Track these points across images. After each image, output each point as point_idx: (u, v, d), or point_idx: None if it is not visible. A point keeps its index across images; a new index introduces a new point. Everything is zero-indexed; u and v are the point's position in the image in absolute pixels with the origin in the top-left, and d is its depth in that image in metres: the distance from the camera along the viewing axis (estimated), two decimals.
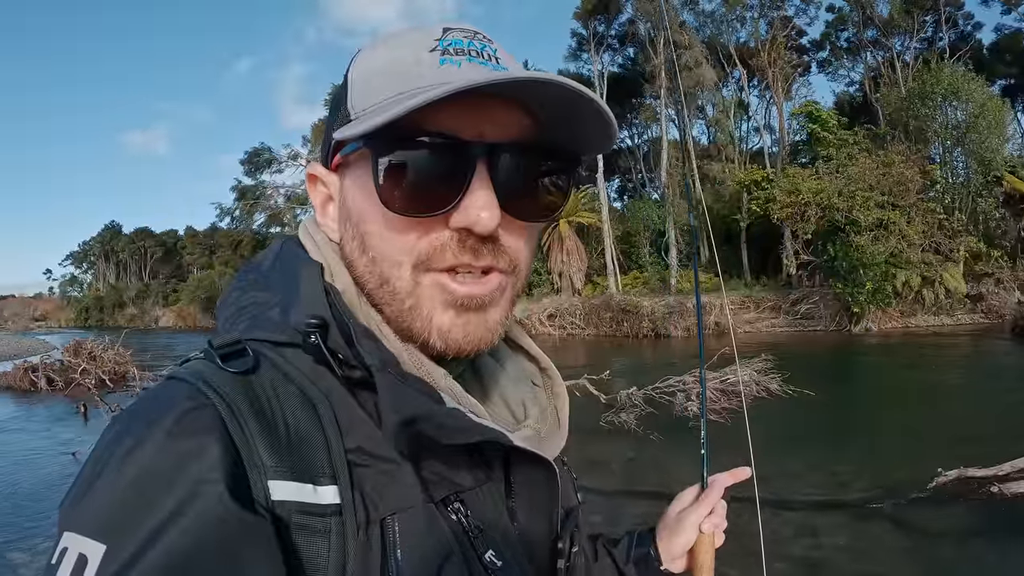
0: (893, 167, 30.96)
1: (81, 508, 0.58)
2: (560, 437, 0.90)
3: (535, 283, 42.85)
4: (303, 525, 0.63)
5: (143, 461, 0.58)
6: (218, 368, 0.67)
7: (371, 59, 0.77)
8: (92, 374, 19.37)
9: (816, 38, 50.64)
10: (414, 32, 0.76)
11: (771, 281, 37.74)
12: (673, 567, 1.20)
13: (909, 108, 35.94)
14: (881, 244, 29.41)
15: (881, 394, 15.77)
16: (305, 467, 0.65)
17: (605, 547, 1.24)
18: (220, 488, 0.57)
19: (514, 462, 0.79)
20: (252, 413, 0.64)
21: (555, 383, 0.98)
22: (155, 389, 0.68)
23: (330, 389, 0.71)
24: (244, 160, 63.94)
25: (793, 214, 31.84)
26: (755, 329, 32.29)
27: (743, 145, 50.13)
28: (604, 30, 48.24)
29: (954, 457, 7.59)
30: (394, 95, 0.70)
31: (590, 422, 11.26)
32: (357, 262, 0.78)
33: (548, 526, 0.83)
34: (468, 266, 0.73)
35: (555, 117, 0.74)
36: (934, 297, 30.14)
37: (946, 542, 6.46)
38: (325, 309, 0.74)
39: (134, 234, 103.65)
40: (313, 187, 0.85)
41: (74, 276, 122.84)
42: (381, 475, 0.68)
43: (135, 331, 51.79)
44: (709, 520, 1.19)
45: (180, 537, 0.55)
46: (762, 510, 6.85)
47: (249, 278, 0.85)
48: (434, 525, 0.69)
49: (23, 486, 9.97)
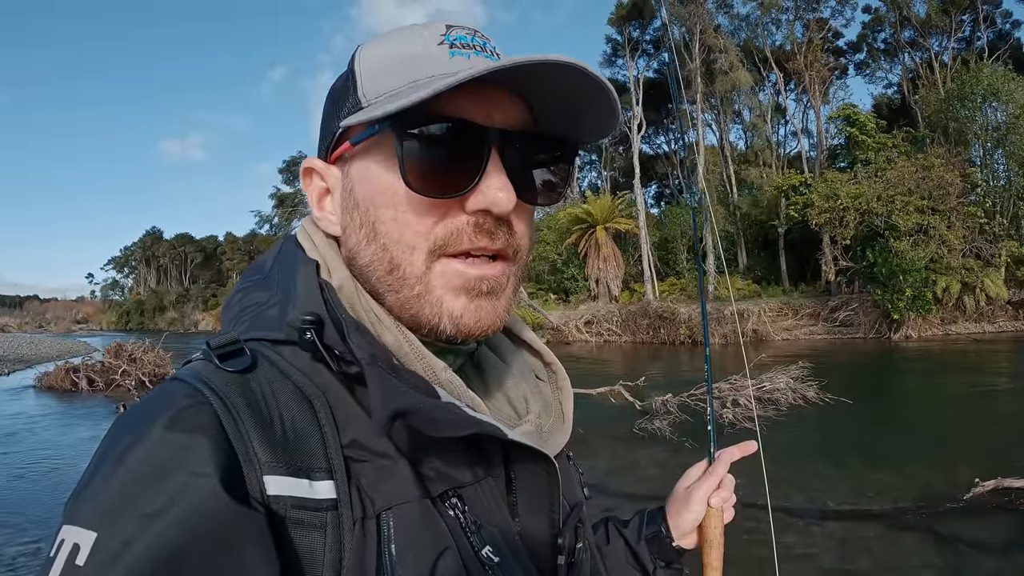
0: (933, 170, 30.53)
1: (78, 502, 0.59)
2: (564, 432, 0.92)
3: (572, 290, 42.90)
4: (299, 520, 0.64)
5: (138, 456, 0.59)
6: (216, 368, 0.69)
7: (379, 52, 0.79)
8: (132, 375, 19.67)
9: (853, 40, 50.34)
10: (419, 28, 0.79)
11: (810, 288, 37.40)
12: (684, 543, 1.23)
13: (948, 110, 35.45)
14: (921, 249, 29.11)
15: (919, 403, 15.62)
16: (301, 462, 0.66)
17: (616, 528, 1.27)
18: (214, 481, 0.59)
19: (514, 458, 0.80)
20: (248, 410, 0.66)
21: (559, 377, 1.00)
22: (156, 390, 0.70)
23: (327, 385, 0.73)
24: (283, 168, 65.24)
25: (831, 219, 31.64)
26: (793, 336, 32.01)
27: (781, 150, 49.65)
28: (639, 35, 48.36)
29: (993, 467, 7.50)
30: (408, 83, 0.74)
31: (624, 429, 11.35)
32: (364, 251, 0.79)
33: (549, 522, 0.83)
34: (483, 249, 0.76)
35: (556, 108, 0.78)
36: (975, 304, 29.67)
37: (981, 554, 6.24)
38: (320, 306, 0.76)
39: (175, 239, 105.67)
40: (309, 181, 0.87)
41: (115, 280, 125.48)
42: (378, 470, 0.70)
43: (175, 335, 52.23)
44: (717, 494, 1.22)
45: (171, 527, 0.55)
46: (793, 518, 6.98)
47: (252, 279, 0.88)
48: (430, 520, 0.70)
49: (62, 483, 10.16)
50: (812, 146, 47.48)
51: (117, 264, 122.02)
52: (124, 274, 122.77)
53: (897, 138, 35.45)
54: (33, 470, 11.13)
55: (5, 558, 7.12)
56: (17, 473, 10.95)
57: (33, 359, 33.68)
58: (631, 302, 38.62)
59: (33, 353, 38.18)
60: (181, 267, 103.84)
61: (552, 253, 44.53)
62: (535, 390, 0.94)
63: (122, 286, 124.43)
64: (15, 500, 9.38)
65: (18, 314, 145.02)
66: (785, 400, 11.71)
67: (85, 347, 40.29)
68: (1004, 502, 7.08)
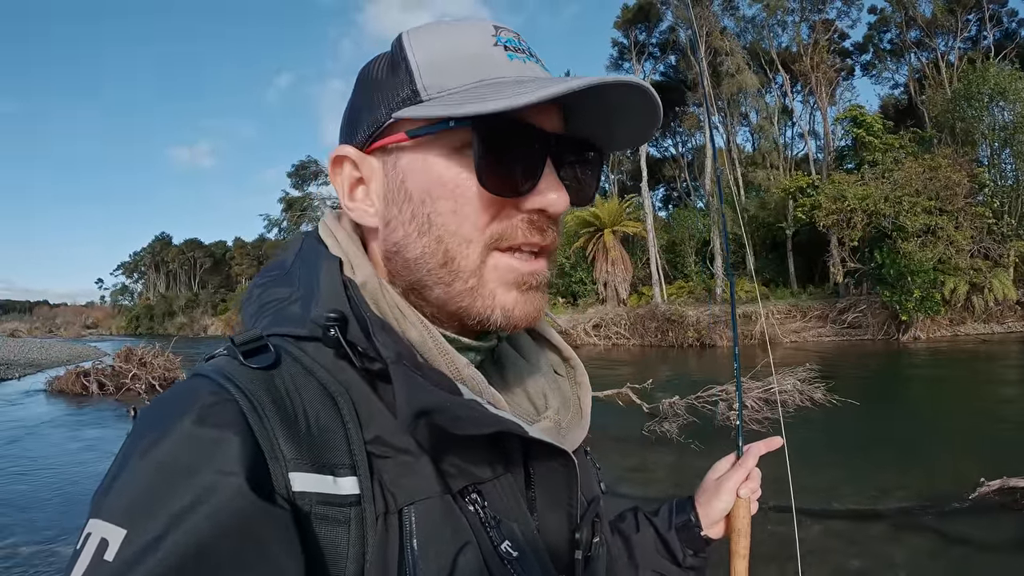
0: (940, 171, 30.31)
1: (106, 496, 0.59)
2: (582, 428, 0.93)
3: (580, 293, 42.78)
4: (324, 515, 0.65)
5: (166, 452, 0.60)
6: (240, 364, 0.70)
7: (435, 44, 0.78)
8: (142, 379, 19.76)
9: (859, 41, 50.18)
10: (470, 25, 0.80)
11: (818, 290, 37.23)
12: (712, 532, 1.27)
13: (955, 110, 35.11)
14: (928, 250, 28.95)
15: (927, 403, 15.57)
16: (325, 459, 0.67)
17: (647, 517, 1.30)
18: (240, 479, 0.59)
19: (533, 454, 0.81)
20: (273, 407, 0.67)
21: (578, 373, 1.01)
22: (179, 385, 0.70)
23: (350, 382, 0.73)
24: (291, 172, 65.41)
25: (838, 221, 31.47)
26: (801, 339, 31.83)
27: (788, 151, 49.52)
28: (645, 38, 48.45)
29: (1001, 467, 7.54)
30: (475, 82, 0.75)
31: (632, 431, 11.43)
32: (414, 244, 0.79)
33: (567, 517, 0.84)
34: (534, 245, 0.79)
35: (592, 116, 0.81)
36: (983, 304, 29.48)
37: (985, 554, 6.31)
38: (344, 303, 0.77)
39: (184, 245, 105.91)
40: (339, 170, 0.85)
41: (125, 285, 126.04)
42: (400, 466, 0.71)
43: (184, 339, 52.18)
44: (746, 485, 1.26)
45: (199, 524, 0.56)
46: (802, 518, 7.01)
47: (272, 275, 0.88)
48: (451, 515, 0.71)
49: (73, 483, 10.29)
50: (819, 148, 47.41)
51: (127, 269, 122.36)
52: (134, 279, 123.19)
53: (904, 139, 35.23)
54: (44, 472, 11.23)
55: (19, 558, 7.26)
56: (29, 474, 11.11)
57: (44, 363, 33.81)
58: (639, 305, 38.54)
59: (44, 358, 38.22)
60: (190, 272, 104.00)
61: (560, 257, 44.13)
62: (554, 385, 0.95)
63: (132, 291, 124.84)
64: (27, 501, 9.52)
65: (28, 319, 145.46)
66: (793, 402, 11.73)
67: (95, 352, 40.36)
68: (1009, 502, 7.13)
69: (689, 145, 53.44)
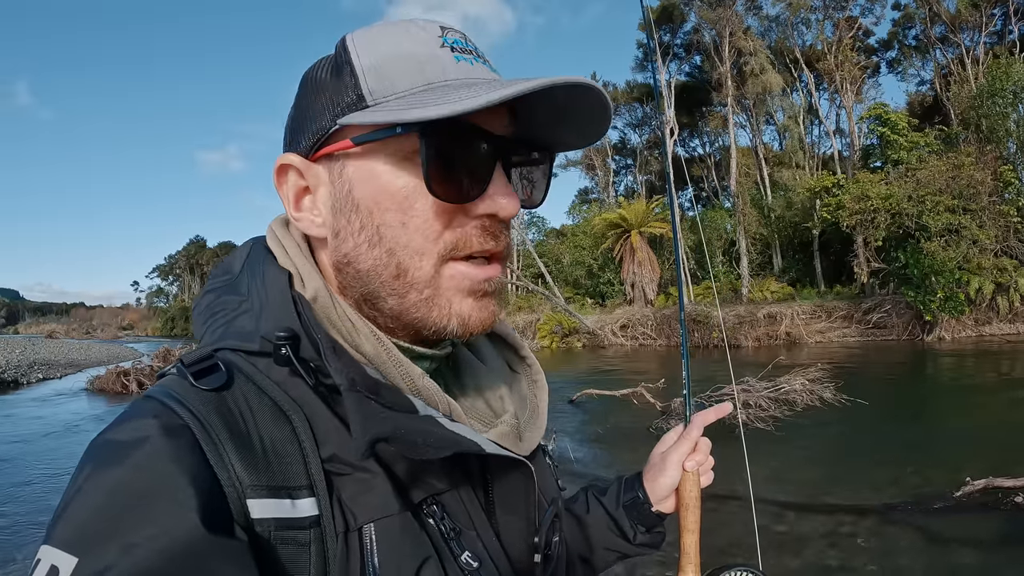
0: (963, 169, 29.87)
1: (58, 524, 0.58)
2: (539, 428, 0.92)
3: (608, 294, 43.03)
4: (284, 539, 0.64)
5: (118, 481, 0.58)
6: (191, 386, 0.68)
7: (380, 47, 0.75)
8: None
9: (883, 38, 49.86)
10: (415, 26, 0.77)
11: (845, 289, 36.83)
12: (663, 507, 1.21)
13: (980, 106, 34.24)
14: (952, 250, 28.51)
15: (942, 404, 15.28)
16: (282, 482, 0.65)
17: (595, 496, 1.26)
18: (193, 511, 0.57)
19: (491, 463, 0.80)
20: (227, 431, 0.65)
21: (534, 371, 1.00)
22: (131, 410, 0.68)
23: (304, 399, 0.71)
24: None
25: (862, 220, 31.23)
26: (826, 339, 31.28)
27: (815, 150, 49.08)
28: (669, 39, 48.59)
29: (1001, 467, 7.62)
30: (422, 85, 0.72)
31: (641, 429, 11.71)
32: (364, 256, 0.76)
33: (526, 522, 0.83)
34: (487, 252, 0.77)
35: (541, 117, 0.78)
36: (1008, 304, 28.84)
37: (964, 552, 6.28)
38: (294, 320, 0.74)
39: (218, 247, 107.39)
40: (283, 179, 0.80)
41: (160, 287, 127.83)
42: (358, 483, 0.69)
43: None
44: (692, 458, 1.19)
45: (150, 556, 0.54)
46: (787, 512, 7.88)
47: (221, 280, 0.85)
48: (410, 530, 0.70)
49: None
50: (845, 146, 47.00)
51: (162, 272, 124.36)
52: (168, 282, 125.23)
53: (929, 136, 34.80)
54: None
55: None
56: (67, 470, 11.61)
57: (83, 363, 34.67)
58: (666, 306, 38.25)
59: (83, 358, 38.98)
60: None
61: (588, 258, 44.78)
62: (511, 386, 0.95)
63: (167, 293, 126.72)
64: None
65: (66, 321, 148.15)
66: (802, 401, 12.00)
67: (132, 353, 41.19)
68: (992, 501, 7.26)
69: (716, 145, 53.23)
